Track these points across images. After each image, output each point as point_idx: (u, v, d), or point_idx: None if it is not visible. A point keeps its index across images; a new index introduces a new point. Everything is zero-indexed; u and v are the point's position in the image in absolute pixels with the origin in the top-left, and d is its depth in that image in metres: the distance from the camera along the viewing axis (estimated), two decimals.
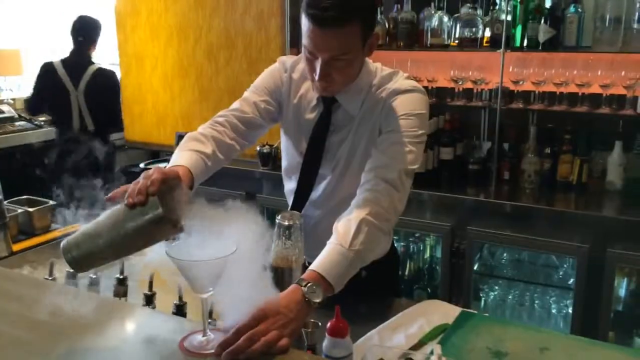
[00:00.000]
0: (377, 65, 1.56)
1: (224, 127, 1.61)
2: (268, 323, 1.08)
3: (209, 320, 1.27)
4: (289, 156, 1.69)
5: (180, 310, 1.39)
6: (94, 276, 1.55)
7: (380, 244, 1.37)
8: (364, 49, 1.40)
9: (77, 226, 2.10)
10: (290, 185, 1.72)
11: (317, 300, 1.19)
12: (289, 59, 1.64)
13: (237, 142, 1.61)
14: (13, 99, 4.61)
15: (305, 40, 1.37)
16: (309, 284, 1.20)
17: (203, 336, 1.09)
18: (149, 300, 1.44)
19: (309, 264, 1.29)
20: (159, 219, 1.11)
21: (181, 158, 1.46)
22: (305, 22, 1.35)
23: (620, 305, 2.61)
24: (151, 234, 1.14)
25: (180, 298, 1.40)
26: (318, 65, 1.37)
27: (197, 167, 1.45)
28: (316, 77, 1.39)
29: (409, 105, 1.46)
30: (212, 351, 1.06)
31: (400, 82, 1.50)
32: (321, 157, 1.57)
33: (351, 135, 1.53)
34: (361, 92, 1.51)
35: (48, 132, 4.25)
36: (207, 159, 1.50)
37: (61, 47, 5.64)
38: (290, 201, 1.73)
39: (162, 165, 3.90)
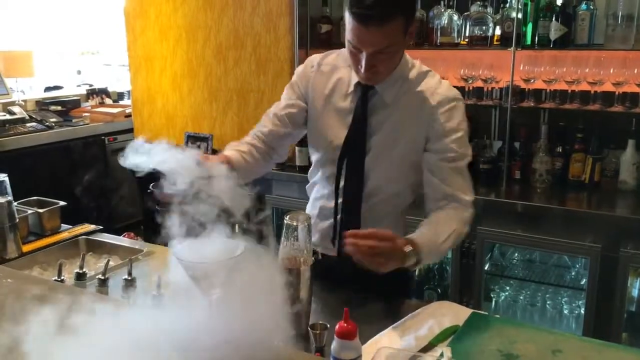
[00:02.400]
0: (413, 60, 1.61)
1: (252, 142, 1.70)
2: (383, 255, 1.31)
3: (215, 321, 1.26)
4: (323, 146, 1.65)
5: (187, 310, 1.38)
6: (102, 277, 1.55)
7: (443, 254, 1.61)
8: (405, 39, 1.46)
9: (86, 226, 2.11)
10: (324, 173, 1.68)
11: (412, 262, 1.39)
12: (316, 57, 1.69)
13: (268, 154, 1.71)
14: (24, 101, 4.64)
15: (349, 36, 1.43)
16: (411, 250, 1.38)
17: (209, 337, 1.08)
18: (157, 301, 1.44)
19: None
20: None
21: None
22: (349, 20, 1.40)
23: (633, 306, 2.58)
24: None
25: (188, 299, 1.39)
26: (363, 59, 1.43)
27: (235, 157, 1.59)
28: (362, 70, 1.45)
29: (460, 117, 1.54)
30: (218, 352, 1.05)
31: (447, 87, 1.56)
32: (365, 136, 1.57)
33: (386, 122, 1.57)
34: (397, 82, 1.56)
35: (59, 134, 4.27)
36: (244, 154, 1.63)
37: (71, 50, 5.71)
38: (320, 192, 1.71)
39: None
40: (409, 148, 1.57)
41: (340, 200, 1.63)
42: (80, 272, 1.59)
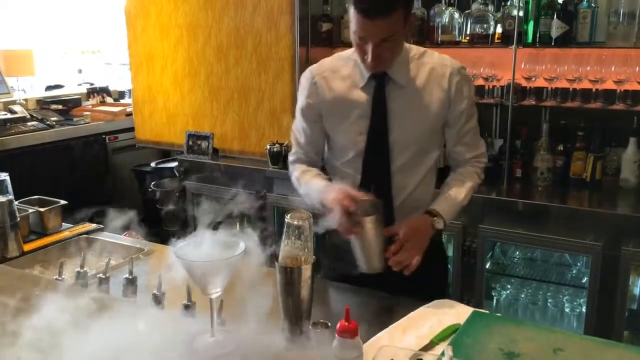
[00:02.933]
0: (408, 44, 1.71)
1: (318, 166, 1.81)
2: (409, 246, 1.53)
3: (217, 321, 1.27)
4: (347, 140, 1.71)
5: (189, 310, 1.38)
6: (103, 276, 1.55)
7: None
8: (405, 28, 1.56)
9: (87, 225, 2.11)
10: (348, 169, 1.73)
11: (440, 227, 1.64)
12: (310, 70, 1.77)
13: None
14: (25, 100, 4.64)
15: (354, 29, 1.53)
16: (435, 220, 1.63)
17: (211, 337, 1.09)
18: (158, 300, 1.44)
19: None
20: None
21: (320, 185, 1.69)
22: (353, 14, 1.51)
23: (635, 304, 2.58)
24: None
25: (189, 298, 1.39)
26: (369, 49, 1.53)
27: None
28: (368, 60, 1.55)
29: (470, 84, 1.71)
30: (221, 352, 1.05)
31: (451, 59, 1.69)
32: (386, 120, 1.65)
33: (405, 102, 1.65)
34: (404, 64, 1.66)
35: (60, 133, 4.27)
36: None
37: (73, 48, 5.71)
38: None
39: (173, 164, 3.91)
40: (431, 120, 1.67)
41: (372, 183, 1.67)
42: (81, 271, 1.59)
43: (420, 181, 1.72)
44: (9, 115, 4.21)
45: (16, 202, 1.94)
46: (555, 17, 2.58)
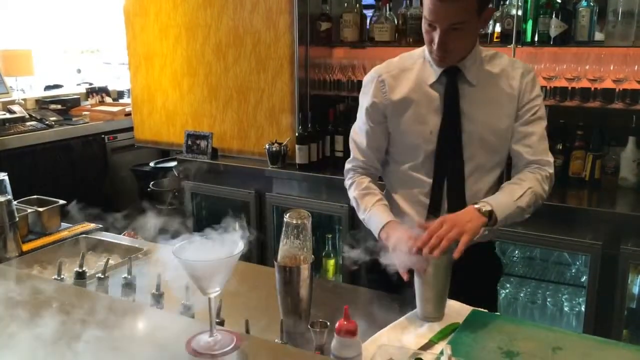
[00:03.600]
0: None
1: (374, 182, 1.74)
2: (448, 226, 1.40)
3: (216, 320, 1.27)
4: (418, 139, 1.65)
5: (187, 310, 1.39)
6: (102, 276, 1.55)
7: (527, 213, 1.59)
8: (479, 20, 1.53)
9: (86, 225, 2.11)
10: (418, 168, 1.67)
11: (488, 209, 1.48)
12: (377, 70, 1.71)
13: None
14: (24, 99, 4.64)
15: (425, 12, 1.51)
16: (479, 203, 1.50)
17: (210, 336, 1.09)
18: (157, 300, 1.44)
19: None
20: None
21: (382, 217, 1.61)
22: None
23: (634, 303, 2.58)
24: None
25: (188, 298, 1.39)
26: (436, 36, 1.50)
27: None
28: (434, 47, 1.52)
29: (539, 85, 1.67)
30: (220, 352, 1.05)
31: (520, 61, 1.67)
32: (459, 117, 1.61)
33: (475, 101, 1.62)
34: (476, 62, 1.62)
35: (59, 132, 4.27)
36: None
37: (72, 48, 5.70)
38: (411, 189, 1.70)
39: (172, 164, 3.91)
40: (502, 122, 1.63)
41: (444, 187, 1.65)
42: (80, 271, 1.59)
43: (492, 186, 1.67)
44: (7, 115, 4.22)
45: (15, 202, 1.94)
46: (554, 16, 2.58)
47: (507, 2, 2.74)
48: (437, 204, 1.65)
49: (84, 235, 2.04)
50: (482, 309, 1.50)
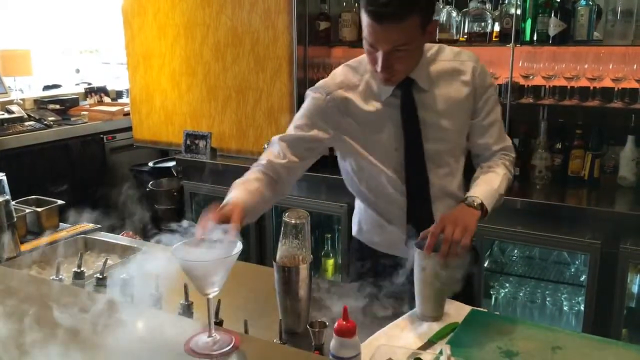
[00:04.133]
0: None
1: (262, 177, 1.58)
2: (452, 227, 1.38)
3: (215, 320, 1.26)
4: (384, 163, 1.61)
5: (186, 310, 1.38)
6: (100, 276, 1.55)
7: (503, 198, 1.61)
8: (424, 37, 1.45)
9: (85, 225, 2.11)
10: (385, 180, 1.63)
11: (479, 202, 1.49)
12: (323, 87, 1.60)
13: (278, 188, 1.62)
14: (22, 99, 4.63)
15: (365, 34, 1.41)
16: (468, 199, 1.50)
17: (209, 336, 1.08)
18: (156, 300, 1.43)
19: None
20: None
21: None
22: (364, 18, 1.39)
23: (633, 302, 2.58)
24: None
25: (187, 298, 1.39)
26: (380, 57, 1.42)
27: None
28: (378, 69, 1.44)
29: (489, 73, 1.64)
30: (218, 352, 1.05)
31: (466, 52, 1.61)
32: (420, 132, 1.56)
33: (431, 105, 1.57)
34: (424, 65, 1.55)
35: (57, 132, 4.26)
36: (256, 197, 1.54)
37: (70, 48, 5.69)
38: (380, 199, 1.67)
39: (171, 164, 3.92)
40: (462, 118, 1.61)
41: (419, 198, 1.62)
42: (79, 271, 1.59)
43: (459, 184, 1.68)
44: (6, 115, 4.20)
45: (13, 202, 1.94)
46: (552, 15, 2.58)
47: (506, 1, 2.75)
48: (414, 213, 1.63)
49: (83, 236, 2.04)
50: (481, 309, 1.50)
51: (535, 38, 2.66)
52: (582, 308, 2.52)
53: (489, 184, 1.57)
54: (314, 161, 1.67)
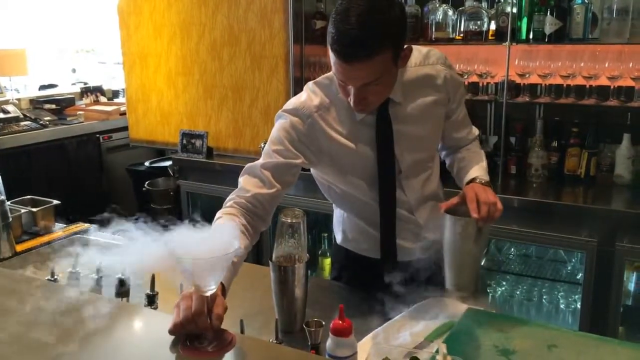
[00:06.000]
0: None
1: (244, 221, 1.45)
2: (484, 194, 1.44)
3: None
4: (359, 178, 1.58)
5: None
6: (96, 277, 1.54)
7: None
8: (396, 67, 1.38)
9: (80, 225, 2.10)
10: (368, 197, 1.61)
11: (486, 180, 1.56)
12: (299, 112, 1.53)
13: (261, 222, 1.50)
14: (18, 99, 4.62)
15: (334, 70, 1.35)
16: (477, 179, 1.55)
17: (204, 335, 1.08)
18: (151, 300, 1.43)
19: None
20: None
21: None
22: (331, 55, 1.31)
23: (629, 300, 2.58)
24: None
25: None
26: (352, 92, 1.36)
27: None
28: (351, 103, 1.38)
29: (453, 67, 1.61)
30: (213, 350, 1.05)
31: (430, 53, 1.56)
32: (393, 148, 1.53)
33: (406, 117, 1.53)
34: (399, 80, 1.48)
35: (53, 132, 4.25)
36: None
37: (66, 47, 5.68)
38: (357, 207, 1.66)
39: (167, 163, 3.90)
40: (437, 125, 1.61)
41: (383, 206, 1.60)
42: (74, 271, 1.58)
43: (438, 182, 1.70)
44: (1, 115, 4.19)
45: (8, 203, 1.93)
46: (548, 13, 2.58)
47: (502, 0, 2.74)
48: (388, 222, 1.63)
49: (79, 236, 2.03)
50: (477, 307, 1.50)
51: (531, 36, 2.66)
52: (579, 306, 2.53)
53: (480, 164, 1.63)
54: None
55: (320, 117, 1.51)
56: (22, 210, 2.04)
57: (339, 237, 1.78)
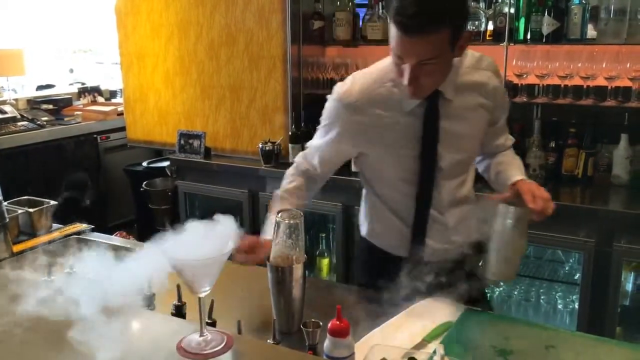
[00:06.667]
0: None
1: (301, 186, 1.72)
2: (539, 190, 1.47)
3: (208, 321, 1.26)
4: (398, 174, 1.60)
5: (179, 310, 1.38)
6: (93, 277, 1.53)
7: None
8: (453, 52, 1.40)
9: (77, 225, 2.10)
10: (397, 187, 1.63)
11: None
12: (352, 104, 1.55)
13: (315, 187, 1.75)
14: (15, 100, 4.61)
15: (392, 44, 1.37)
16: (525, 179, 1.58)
17: (200, 336, 1.08)
18: (148, 301, 1.43)
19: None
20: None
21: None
22: (392, 28, 1.34)
23: (627, 300, 2.58)
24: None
25: (180, 299, 1.38)
26: (406, 70, 1.37)
27: None
28: (405, 82, 1.39)
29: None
30: (210, 352, 1.04)
31: (482, 56, 1.59)
32: (436, 144, 1.55)
33: (453, 116, 1.54)
34: (453, 74, 1.50)
35: (51, 132, 4.25)
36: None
37: (65, 47, 5.67)
38: (390, 204, 1.67)
39: (165, 163, 3.90)
40: (479, 128, 1.61)
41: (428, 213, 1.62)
42: (71, 272, 1.58)
43: (470, 187, 1.69)
44: None
45: (5, 203, 1.92)
46: (546, 14, 2.58)
47: (500, 0, 2.74)
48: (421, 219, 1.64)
49: (76, 236, 2.03)
50: (475, 308, 1.50)
51: (528, 37, 2.67)
52: (576, 306, 2.53)
53: (520, 168, 1.66)
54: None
55: (371, 111, 1.54)
56: (19, 211, 2.03)
57: (364, 229, 1.78)
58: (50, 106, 4.67)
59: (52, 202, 2.11)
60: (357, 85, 1.55)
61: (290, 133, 3.08)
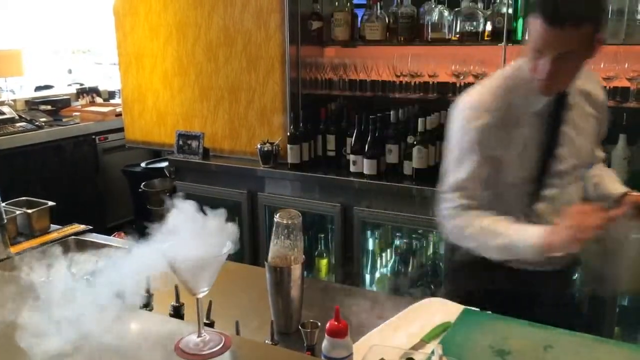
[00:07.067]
0: None
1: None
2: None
3: (206, 322, 1.26)
4: (518, 173, 1.61)
5: (177, 311, 1.38)
6: (91, 278, 1.53)
7: None
8: (589, 50, 1.46)
9: (76, 226, 2.10)
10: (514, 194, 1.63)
11: None
12: (483, 119, 1.57)
13: None
14: (14, 100, 4.61)
15: (533, 40, 1.44)
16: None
17: (198, 337, 1.08)
18: (147, 302, 1.43)
19: None
20: None
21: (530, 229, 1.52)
22: (537, 22, 1.42)
23: (625, 301, 2.58)
24: None
25: (178, 300, 1.38)
26: (545, 63, 1.43)
27: None
28: (541, 75, 1.45)
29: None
30: (208, 352, 1.04)
31: (595, 74, 1.74)
32: (557, 141, 1.59)
33: (571, 122, 1.60)
34: (576, 83, 1.58)
35: (49, 133, 4.25)
36: None
37: (63, 48, 5.67)
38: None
39: (163, 164, 3.90)
40: (592, 138, 1.68)
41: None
42: (69, 273, 1.58)
43: (576, 189, 1.69)
44: None
45: (3, 204, 1.92)
46: None
47: (498, 1, 2.75)
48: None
49: (74, 237, 2.03)
50: (473, 308, 1.50)
51: (526, 37, 2.66)
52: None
53: (618, 179, 1.76)
54: None
55: (500, 121, 1.57)
56: (18, 212, 2.04)
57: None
58: (49, 107, 4.67)
59: (51, 203, 2.11)
60: (497, 100, 1.59)
61: (288, 133, 3.08)
